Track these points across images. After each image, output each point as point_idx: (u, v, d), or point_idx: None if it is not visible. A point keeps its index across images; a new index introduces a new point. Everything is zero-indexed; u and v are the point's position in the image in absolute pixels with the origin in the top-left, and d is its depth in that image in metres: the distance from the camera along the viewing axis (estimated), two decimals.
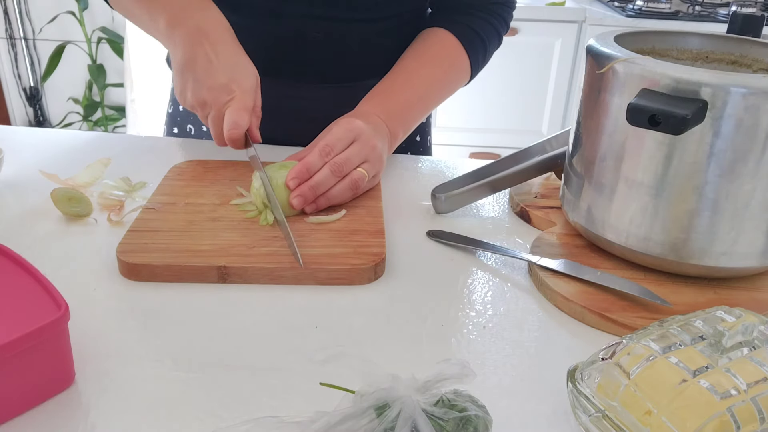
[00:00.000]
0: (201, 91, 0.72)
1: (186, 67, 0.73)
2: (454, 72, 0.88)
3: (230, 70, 0.73)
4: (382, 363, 0.39)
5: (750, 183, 0.56)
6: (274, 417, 0.39)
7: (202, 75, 0.72)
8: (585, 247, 0.67)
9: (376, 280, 0.62)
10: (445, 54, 0.87)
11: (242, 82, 0.72)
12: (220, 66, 0.72)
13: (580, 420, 0.44)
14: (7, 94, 2.91)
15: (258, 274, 0.60)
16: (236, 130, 0.71)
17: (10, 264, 0.51)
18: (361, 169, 0.72)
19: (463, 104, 2.52)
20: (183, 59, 0.73)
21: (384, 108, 0.80)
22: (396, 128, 0.80)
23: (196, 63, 0.72)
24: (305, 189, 0.69)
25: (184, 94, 0.74)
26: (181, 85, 0.74)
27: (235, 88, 0.72)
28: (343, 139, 0.72)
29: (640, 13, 2.31)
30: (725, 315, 0.46)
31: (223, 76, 0.72)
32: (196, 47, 0.72)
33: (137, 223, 0.66)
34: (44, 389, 0.46)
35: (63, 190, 0.71)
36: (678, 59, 0.71)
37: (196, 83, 0.72)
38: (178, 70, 0.74)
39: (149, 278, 0.60)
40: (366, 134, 0.73)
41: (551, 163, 0.76)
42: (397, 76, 0.85)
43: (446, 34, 0.87)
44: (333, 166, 0.70)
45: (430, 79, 0.86)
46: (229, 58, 0.73)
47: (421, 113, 0.86)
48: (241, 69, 0.73)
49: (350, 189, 0.72)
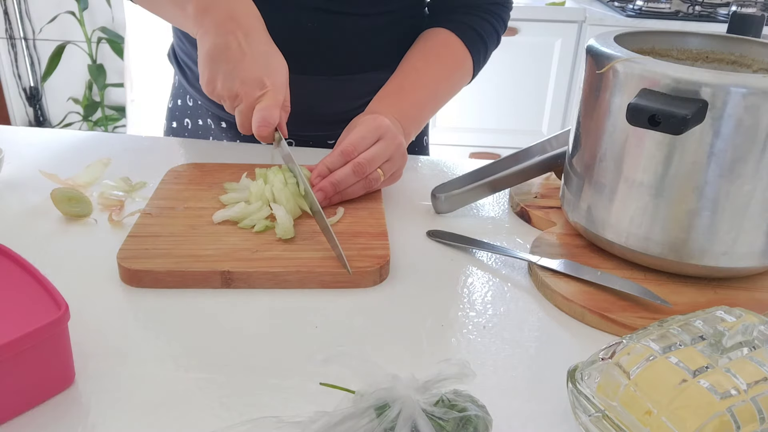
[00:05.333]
0: (233, 83, 0.70)
1: (217, 56, 0.70)
2: (459, 72, 0.89)
3: (263, 62, 0.71)
4: (382, 363, 0.39)
5: (750, 183, 0.56)
6: (274, 417, 0.39)
7: (235, 66, 0.70)
8: (585, 247, 0.67)
9: (381, 282, 0.62)
10: (450, 54, 0.88)
11: (275, 77, 0.71)
12: (253, 57, 0.70)
13: (580, 420, 0.44)
14: (7, 94, 2.91)
15: (262, 278, 0.60)
16: (266, 127, 0.70)
17: (10, 264, 0.51)
18: (379, 170, 0.73)
19: (463, 104, 2.52)
20: (214, 47, 0.70)
21: (398, 108, 0.80)
22: (409, 128, 0.81)
23: (228, 52, 0.70)
24: (326, 184, 0.70)
25: (213, 84, 0.71)
26: (210, 75, 0.71)
27: (267, 83, 0.70)
28: (367, 138, 0.72)
29: (640, 13, 2.31)
30: (725, 315, 0.46)
31: (256, 68, 0.70)
32: (229, 35, 0.70)
33: (137, 228, 0.65)
34: (44, 389, 0.46)
35: (63, 190, 0.71)
36: (678, 59, 0.71)
37: (228, 74, 0.70)
38: (209, 59, 0.71)
39: (152, 285, 0.59)
40: (391, 132, 0.74)
41: (551, 163, 0.76)
42: (406, 76, 0.85)
43: (449, 35, 0.88)
44: (356, 166, 0.71)
45: (438, 79, 0.86)
46: (261, 49, 0.71)
47: (430, 113, 0.87)
48: (274, 62, 0.72)
49: (364, 188, 0.73)
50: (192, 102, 1.00)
